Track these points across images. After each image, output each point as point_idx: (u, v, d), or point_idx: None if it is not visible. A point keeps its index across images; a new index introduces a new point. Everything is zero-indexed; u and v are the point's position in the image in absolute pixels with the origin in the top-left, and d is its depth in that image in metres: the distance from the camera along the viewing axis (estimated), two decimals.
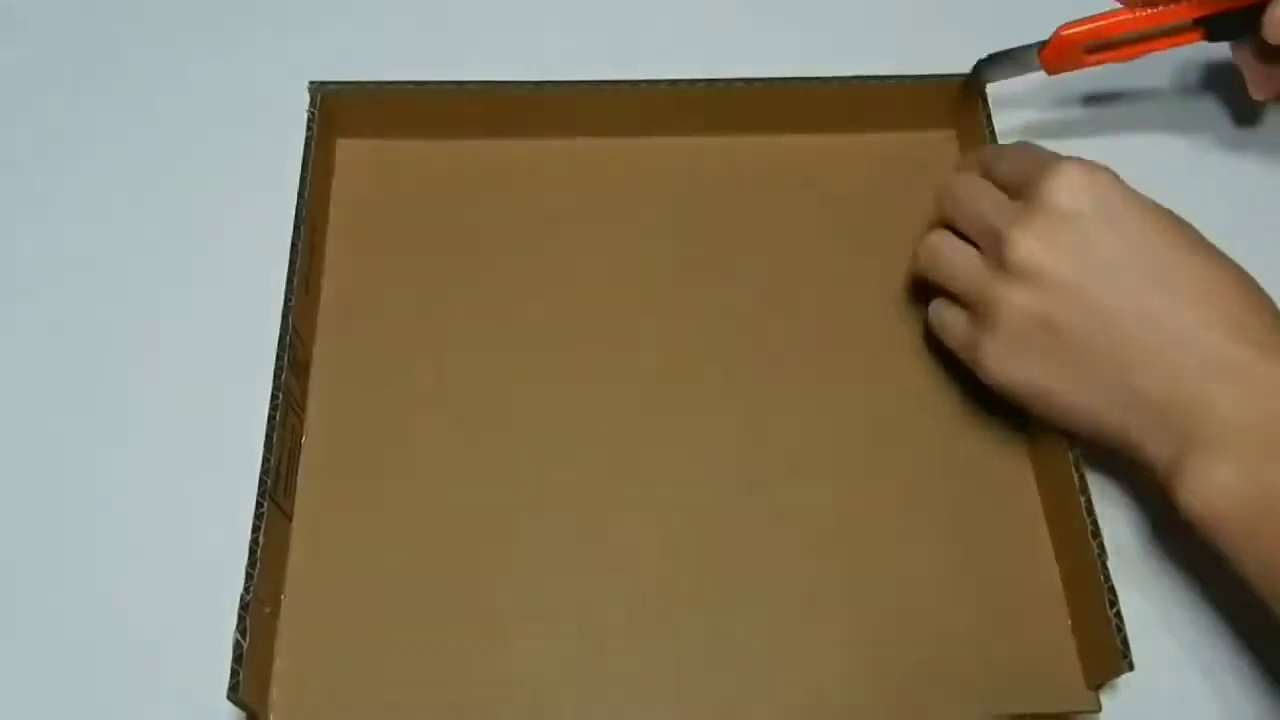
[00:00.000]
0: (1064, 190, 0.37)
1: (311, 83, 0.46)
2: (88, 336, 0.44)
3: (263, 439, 0.38)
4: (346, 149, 0.48)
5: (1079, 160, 0.38)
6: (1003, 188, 0.40)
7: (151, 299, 0.45)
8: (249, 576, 0.36)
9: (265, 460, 0.38)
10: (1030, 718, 0.38)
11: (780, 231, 0.47)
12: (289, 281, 0.41)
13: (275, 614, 0.38)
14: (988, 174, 0.41)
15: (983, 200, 0.40)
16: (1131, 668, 0.35)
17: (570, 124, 0.48)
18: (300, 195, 0.43)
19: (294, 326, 0.40)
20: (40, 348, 0.44)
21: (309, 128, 0.45)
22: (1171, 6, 0.43)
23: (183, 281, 0.46)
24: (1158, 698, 0.38)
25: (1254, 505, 0.34)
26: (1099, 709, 0.38)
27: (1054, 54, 0.45)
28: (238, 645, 0.35)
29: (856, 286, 0.46)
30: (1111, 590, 0.36)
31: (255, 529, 0.37)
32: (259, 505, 0.37)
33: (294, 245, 0.42)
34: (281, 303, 0.41)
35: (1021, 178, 0.39)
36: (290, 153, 0.44)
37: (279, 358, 0.40)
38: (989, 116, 0.47)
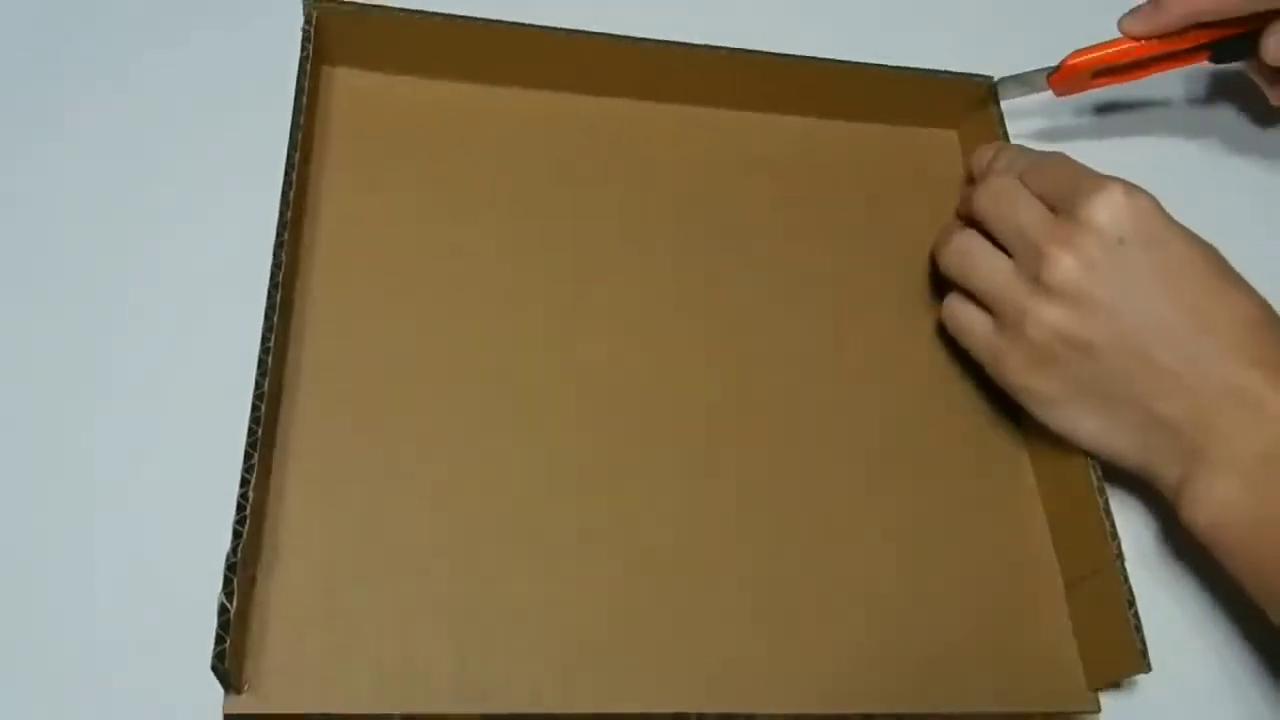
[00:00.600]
0: (1106, 211, 0.37)
1: (308, 1, 0.41)
2: (72, 281, 0.39)
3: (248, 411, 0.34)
4: (345, 79, 0.44)
5: (1122, 182, 0.38)
6: (1039, 198, 0.39)
7: (141, 233, 0.40)
8: (236, 535, 0.32)
9: (255, 409, 0.34)
10: (1032, 717, 0.38)
11: (783, 212, 0.46)
12: (281, 216, 0.37)
13: (254, 580, 0.34)
14: (1025, 182, 0.40)
15: (1024, 211, 0.39)
16: (1150, 668, 0.35)
17: (580, 80, 0.45)
18: (295, 122, 0.39)
19: (285, 263, 0.37)
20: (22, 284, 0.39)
21: (303, 47, 0.41)
22: (1173, 37, 0.44)
23: (171, 216, 0.41)
24: (1157, 698, 0.38)
25: (1251, 516, 0.35)
26: (1099, 709, 0.38)
27: (1063, 79, 0.46)
28: (223, 610, 0.31)
29: (857, 275, 0.45)
30: (1130, 591, 0.36)
31: (244, 483, 0.33)
32: (247, 458, 0.33)
33: (287, 175, 0.38)
34: (274, 239, 0.37)
35: (1061, 192, 0.39)
36: (284, 76, 0.40)
37: (270, 296, 0.36)
38: (1001, 118, 0.47)
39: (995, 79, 0.47)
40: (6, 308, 0.39)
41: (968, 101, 0.48)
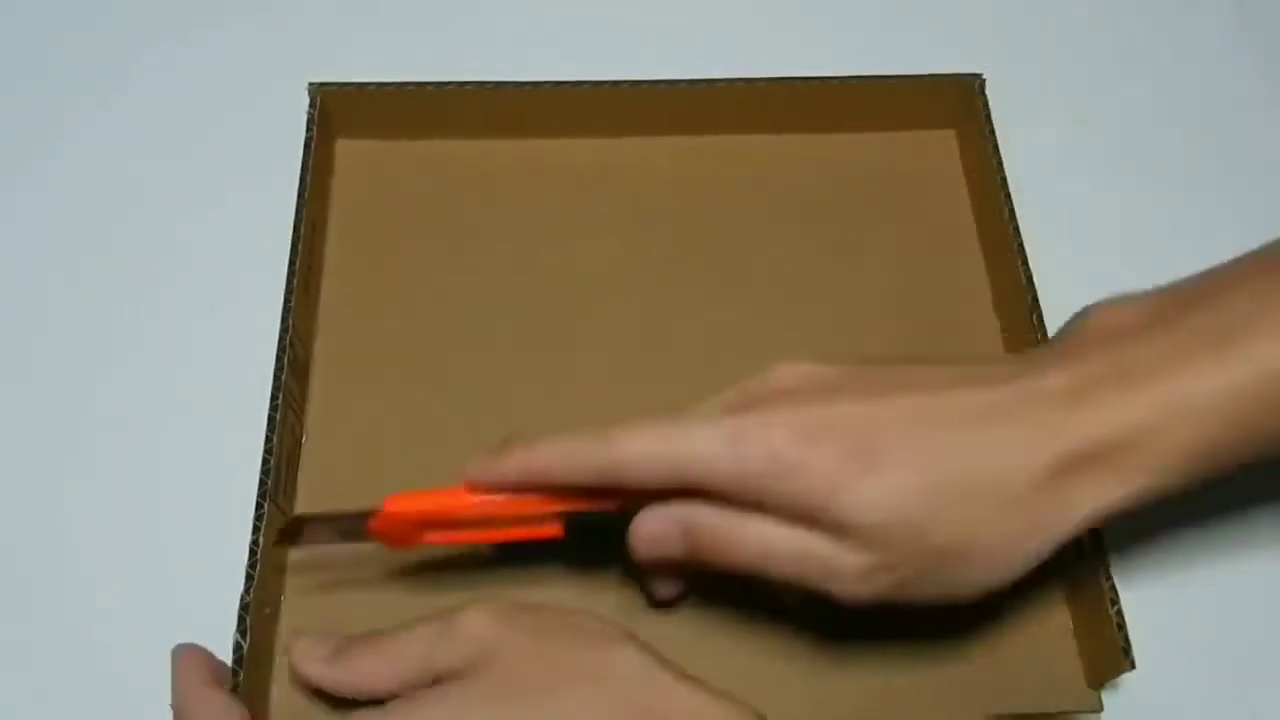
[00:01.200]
0: None
1: (311, 83, 0.45)
2: (87, 337, 0.44)
3: (263, 440, 0.38)
4: (346, 149, 0.48)
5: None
6: None
7: (151, 301, 0.45)
8: (249, 579, 0.36)
9: (265, 461, 0.38)
10: (1032, 718, 0.38)
11: (784, 234, 0.47)
12: (289, 282, 0.41)
13: (275, 615, 0.38)
14: None
15: None
16: (1133, 666, 0.35)
17: (572, 124, 0.48)
18: (300, 195, 0.43)
19: (294, 327, 0.40)
20: (37, 350, 0.44)
21: (309, 128, 0.45)
22: (526, 497, 0.34)
23: (183, 285, 0.46)
24: (1157, 698, 0.38)
25: None
26: (1100, 709, 0.38)
27: (385, 526, 0.35)
28: (238, 647, 0.35)
29: (855, 290, 0.46)
30: (1113, 589, 0.36)
31: (255, 529, 0.37)
32: (259, 507, 0.37)
33: (294, 245, 0.42)
34: (281, 304, 0.40)
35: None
36: (290, 153, 0.44)
37: (279, 359, 0.40)
38: (989, 115, 0.47)
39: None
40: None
41: (961, 101, 0.48)
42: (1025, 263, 0.43)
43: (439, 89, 0.46)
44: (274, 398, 0.39)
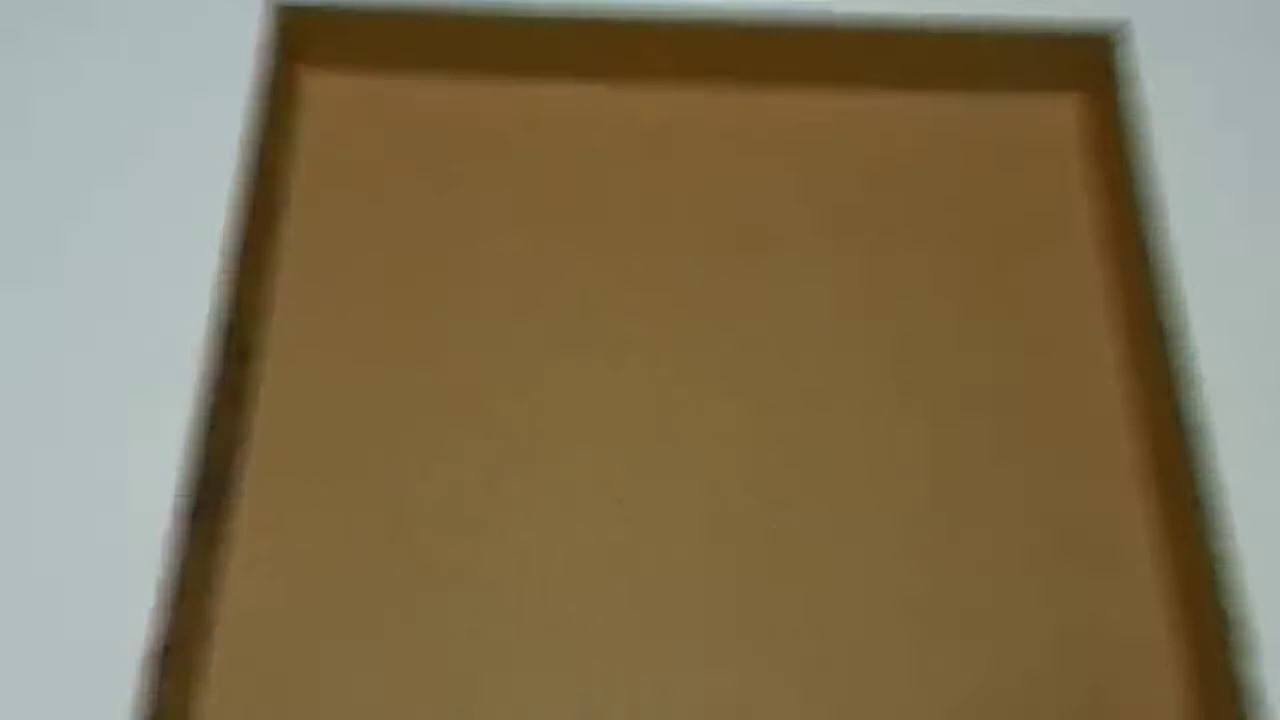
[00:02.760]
0: None
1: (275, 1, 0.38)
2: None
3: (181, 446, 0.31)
4: (313, 84, 0.41)
5: None
6: None
7: (55, 269, 0.37)
8: (158, 621, 0.29)
9: (189, 472, 0.31)
10: None
11: (844, 215, 0.39)
12: (226, 251, 0.34)
13: (195, 659, 0.31)
14: None
15: None
16: None
17: (587, 64, 0.40)
18: (251, 140, 0.36)
19: (232, 303, 0.33)
20: None
21: (267, 56, 0.38)
22: None
23: (108, 251, 0.38)
24: None
25: None
26: None
27: None
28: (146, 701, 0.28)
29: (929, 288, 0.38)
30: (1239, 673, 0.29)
31: (169, 564, 0.30)
32: (176, 533, 0.30)
33: (237, 205, 0.35)
34: (215, 275, 0.33)
35: None
36: (241, 85, 0.37)
37: (212, 343, 0.32)
38: (1125, 78, 0.38)
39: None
40: None
41: (1084, 61, 0.39)
42: (1159, 268, 0.35)
43: (429, 9, 0.39)
44: (203, 391, 0.32)
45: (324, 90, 0.41)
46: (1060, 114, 0.40)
